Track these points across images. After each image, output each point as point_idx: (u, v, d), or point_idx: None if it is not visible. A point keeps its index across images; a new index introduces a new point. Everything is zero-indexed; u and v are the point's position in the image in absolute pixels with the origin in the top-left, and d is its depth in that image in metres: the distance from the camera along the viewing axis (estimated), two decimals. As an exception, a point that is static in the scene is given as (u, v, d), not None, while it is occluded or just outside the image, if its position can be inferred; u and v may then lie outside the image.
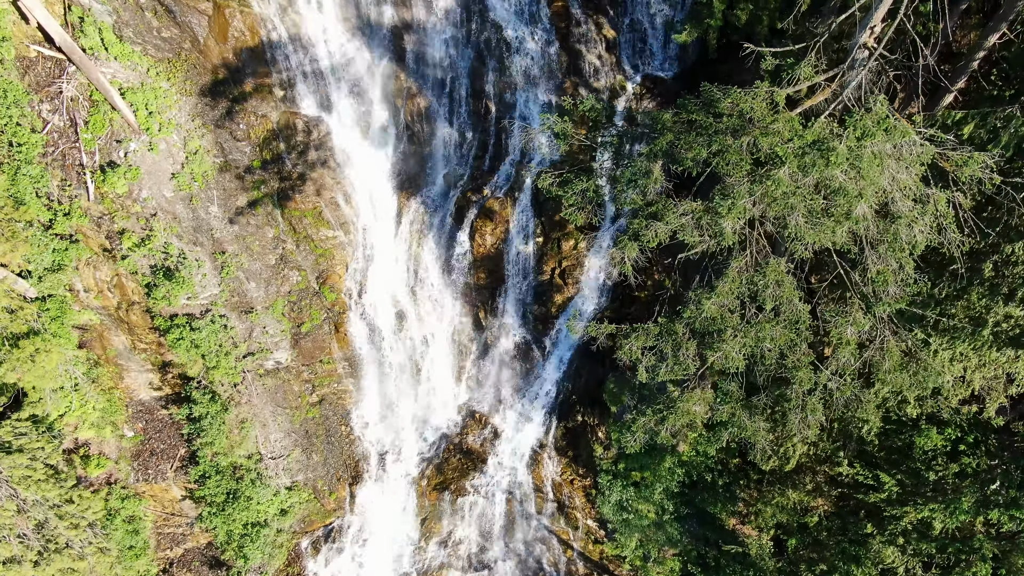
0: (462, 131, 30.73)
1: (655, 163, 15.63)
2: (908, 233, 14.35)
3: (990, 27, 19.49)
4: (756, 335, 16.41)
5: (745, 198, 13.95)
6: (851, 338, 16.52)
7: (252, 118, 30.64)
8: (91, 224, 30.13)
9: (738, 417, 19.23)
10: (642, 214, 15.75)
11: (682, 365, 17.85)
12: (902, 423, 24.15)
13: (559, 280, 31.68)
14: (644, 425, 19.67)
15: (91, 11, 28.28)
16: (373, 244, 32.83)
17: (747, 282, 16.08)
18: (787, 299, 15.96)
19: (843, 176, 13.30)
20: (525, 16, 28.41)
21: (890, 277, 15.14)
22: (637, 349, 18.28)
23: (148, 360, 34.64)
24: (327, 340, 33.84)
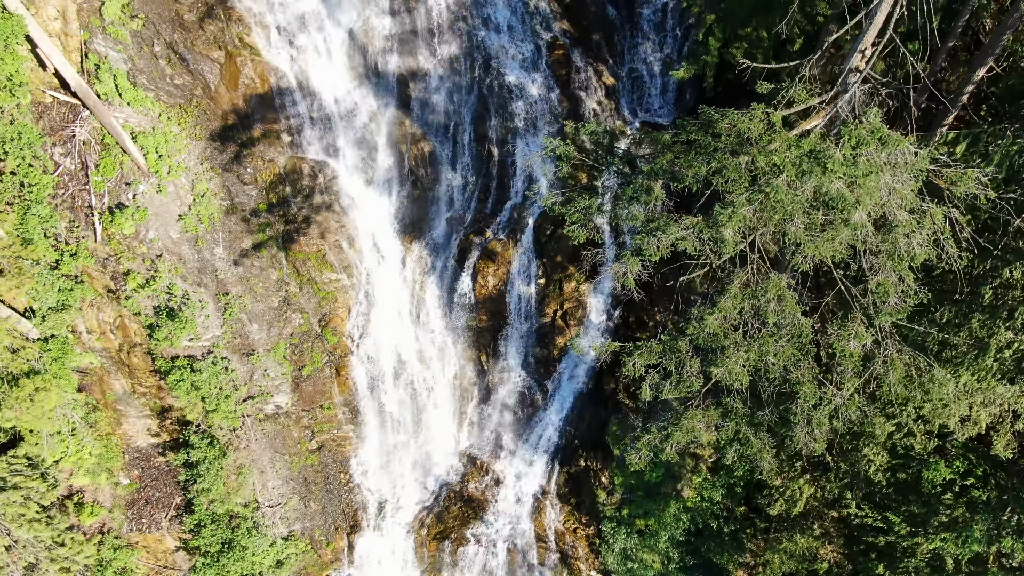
0: (465, 175, 31.33)
1: (656, 181, 15.96)
2: (906, 243, 14.53)
3: (976, 60, 20.16)
4: (759, 349, 16.39)
5: (744, 207, 14.19)
6: (855, 351, 16.51)
7: (259, 162, 31.27)
8: (97, 265, 30.41)
9: (743, 433, 19.00)
10: (644, 229, 15.98)
11: (686, 383, 17.77)
12: (909, 457, 23.85)
13: (561, 322, 31.75)
14: (649, 442, 19.43)
15: (107, 58, 29.22)
16: (376, 287, 33.03)
17: (749, 297, 16.17)
18: (789, 313, 16.03)
19: (840, 183, 13.58)
20: (527, 63, 29.33)
21: (890, 288, 15.26)
22: (640, 366, 18.25)
23: (147, 405, 34.41)
24: (328, 384, 33.67)
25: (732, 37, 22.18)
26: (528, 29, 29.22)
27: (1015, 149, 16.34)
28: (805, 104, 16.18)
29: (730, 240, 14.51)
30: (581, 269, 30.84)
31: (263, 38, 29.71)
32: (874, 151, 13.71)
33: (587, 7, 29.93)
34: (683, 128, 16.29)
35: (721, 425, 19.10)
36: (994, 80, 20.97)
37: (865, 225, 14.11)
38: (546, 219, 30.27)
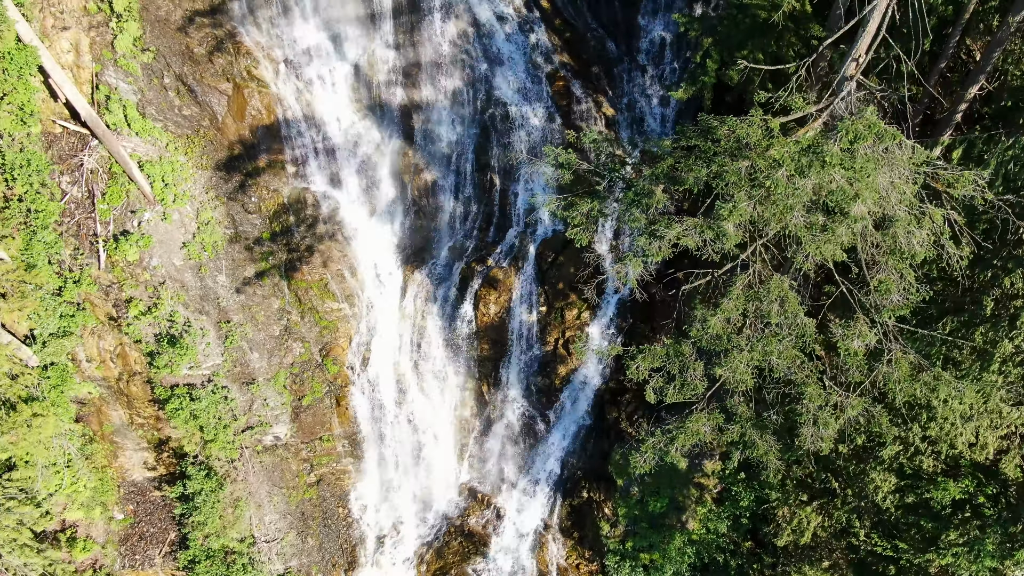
0: (467, 204, 31.66)
1: (657, 186, 16.16)
2: (906, 238, 14.62)
3: (969, 79, 20.60)
4: (763, 349, 16.31)
5: (745, 201, 14.33)
6: (859, 350, 16.43)
7: (264, 192, 31.65)
8: (99, 292, 30.49)
9: (748, 436, 18.75)
10: (646, 231, 16.11)
11: (690, 386, 17.63)
12: (917, 477, 23.50)
13: (563, 351, 31.66)
14: (654, 445, 19.15)
15: (117, 90, 29.86)
16: (377, 317, 33.04)
17: (752, 299, 16.18)
18: (792, 313, 16.02)
19: (839, 177, 13.75)
20: (529, 94, 29.94)
21: (892, 286, 15.28)
22: (644, 369, 18.13)
23: (144, 437, 34.06)
24: (328, 414, 33.38)
25: (729, 60, 22.74)
26: (529, 62, 29.93)
27: (1010, 155, 16.59)
28: (802, 111, 16.49)
29: (732, 233, 14.60)
30: (583, 297, 30.91)
31: (270, 71, 30.41)
32: (871, 145, 13.93)
33: (586, 41, 30.72)
34: (683, 134, 16.58)
35: (726, 427, 18.85)
36: (987, 100, 21.39)
37: (864, 218, 14.23)
38: (547, 246, 30.48)
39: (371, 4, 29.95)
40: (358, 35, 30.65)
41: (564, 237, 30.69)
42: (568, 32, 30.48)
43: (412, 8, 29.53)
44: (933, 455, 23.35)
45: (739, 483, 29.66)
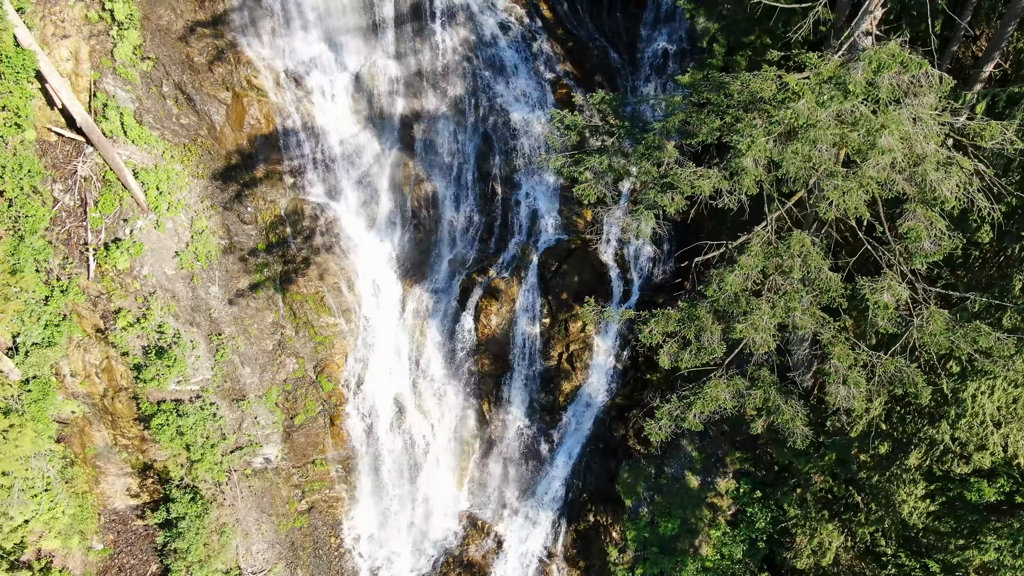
0: (468, 214, 30.94)
1: (668, 141, 15.38)
2: (936, 176, 13.72)
3: (983, 59, 20.11)
4: (786, 304, 15.21)
5: (763, 137, 13.51)
6: (889, 302, 15.31)
7: (261, 202, 30.97)
8: (87, 303, 29.48)
9: (772, 401, 17.38)
10: (658, 183, 15.23)
11: (707, 350, 16.45)
12: (948, 479, 22.04)
13: (567, 365, 30.42)
14: (670, 412, 17.76)
15: (115, 97, 29.50)
16: (375, 333, 31.92)
17: (771, 255, 15.19)
18: (815, 268, 15.00)
19: (864, 108, 12.97)
20: (532, 102, 29.58)
21: (922, 232, 14.31)
22: (658, 334, 16.96)
23: (128, 461, 32.50)
24: (321, 434, 31.89)
25: (736, 44, 22.35)
26: (532, 70, 29.67)
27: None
28: (817, 68, 15.84)
29: (750, 168, 13.70)
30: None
31: (270, 80, 30.13)
32: (896, 75, 13.23)
33: (589, 51, 30.55)
34: (695, 89, 15.90)
35: (747, 393, 17.53)
36: (1002, 80, 20.87)
37: (892, 150, 13.37)
38: (551, 255, 29.62)
39: (373, 14, 29.88)
40: (359, 45, 30.50)
41: (568, 246, 29.91)
42: (570, 42, 30.35)
43: (414, 17, 29.45)
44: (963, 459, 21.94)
45: (754, 503, 28.03)
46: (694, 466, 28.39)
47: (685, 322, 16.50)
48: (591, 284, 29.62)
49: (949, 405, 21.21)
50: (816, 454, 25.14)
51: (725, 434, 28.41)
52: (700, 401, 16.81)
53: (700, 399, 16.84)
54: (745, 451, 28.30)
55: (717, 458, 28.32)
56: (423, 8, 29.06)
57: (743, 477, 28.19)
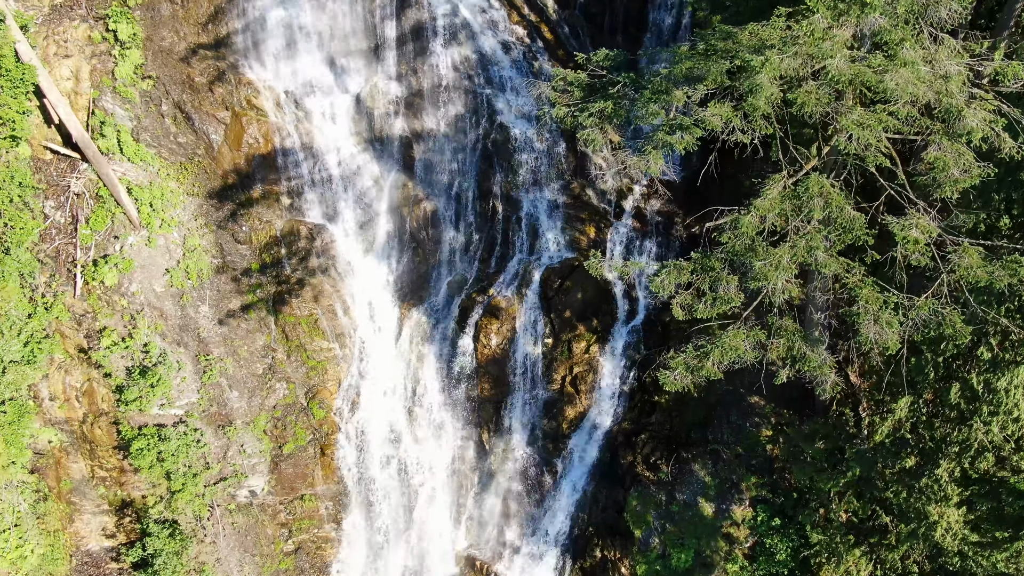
0: (468, 233, 30.21)
1: (674, 87, 14.72)
2: (962, 97, 12.89)
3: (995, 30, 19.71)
4: (807, 244, 14.10)
5: (777, 57, 12.80)
6: (919, 238, 14.17)
7: (256, 222, 30.32)
8: (72, 322, 28.41)
9: (797, 349, 15.90)
10: (666, 125, 14.45)
11: (723, 299, 15.22)
12: (985, 481, 20.38)
13: (570, 389, 28.98)
14: (685, 362, 16.26)
15: (113, 115, 29.30)
16: (370, 359, 30.65)
17: (789, 198, 14.24)
18: (837, 207, 13.99)
19: (884, 20, 12.32)
20: (532, 118, 29.33)
21: (949, 161, 13.37)
22: (670, 284, 15.75)
23: (105, 497, 30.65)
24: (311, 465, 30.11)
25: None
26: (532, 87, 29.55)
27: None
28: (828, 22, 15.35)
29: (765, 85, 12.92)
30: (592, 328, 28.72)
31: (271, 101, 30.01)
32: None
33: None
34: (701, 38, 15.37)
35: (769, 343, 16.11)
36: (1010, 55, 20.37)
37: (916, 64, 12.61)
38: (553, 272, 28.68)
39: (374, 36, 30.04)
40: (360, 67, 30.55)
41: (571, 263, 29.02)
42: (571, 63, 30.32)
43: (415, 37, 29.56)
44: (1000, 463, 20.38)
45: (773, 532, 26.08)
46: (707, 492, 26.58)
47: (699, 272, 15.43)
48: (595, 302, 28.57)
49: (980, 401, 19.84)
50: (838, 470, 23.46)
51: (739, 457, 26.72)
52: (718, 350, 15.50)
53: (718, 348, 15.54)
54: (761, 476, 26.55)
55: (732, 483, 26.54)
56: (425, 28, 29.20)
57: (760, 504, 26.34)
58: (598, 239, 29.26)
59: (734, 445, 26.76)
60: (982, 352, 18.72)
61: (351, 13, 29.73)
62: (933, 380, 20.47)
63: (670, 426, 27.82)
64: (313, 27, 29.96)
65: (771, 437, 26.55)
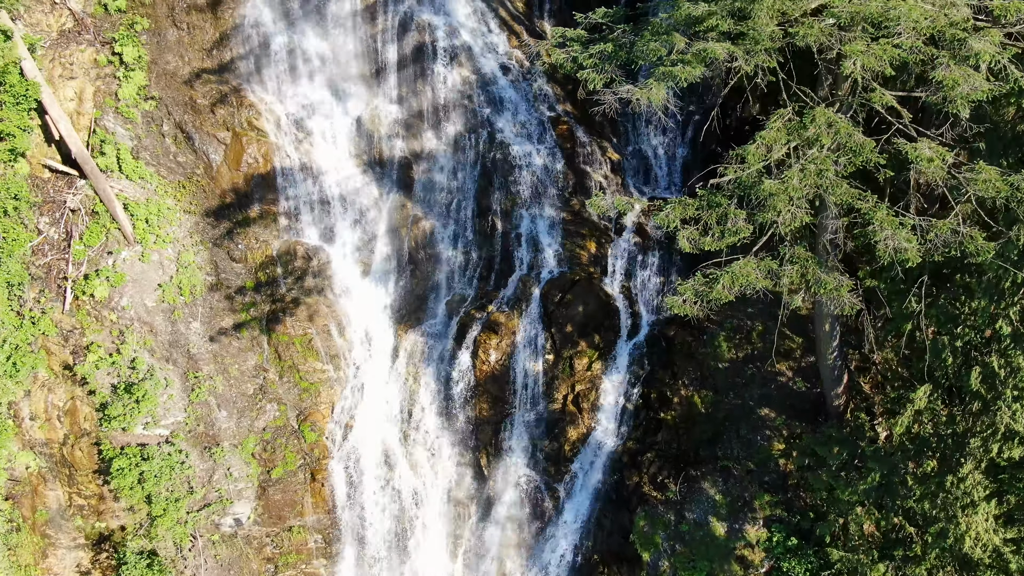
0: (467, 251, 29.77)
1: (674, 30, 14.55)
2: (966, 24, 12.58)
3: None
4: (817, 168, 13.50)
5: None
6: (933, 156, 13.54)
7: (253, 241, 29.95)
8: (58, 337, 27.65)
9: (812, 274, 14.89)
10: (668, 60, 14.18)
11: (731, 231, 14.51)
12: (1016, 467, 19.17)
13: (573, 407, 27.88)
14: (693, 288, 15.25)
15: (114, 134, 29.42)
16: (364, 382, 29.66)
17: (794, 129, 13.79)
18: (845, 134, 13.50)
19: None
20: (532, 136, 29.41)
21: (959, 77, 12.97)
22: (675, 219, 15.06)
23: (83, 530, 29.10)
24: (300, 492, 28.62)
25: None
26: (532, 108, 29.80)
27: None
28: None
29: (764, 18, 12.65)
30: (594, 344, 27.88)
31: (271, 122, 30.19)
32: None
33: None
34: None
35: (782, 270, 15.14)
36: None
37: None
38: (553, 286, 28.08)
39: (376, 61, 30.49)
40: (361, 91, 30.86)
41: (571, 278, 28.47)
42: (570, 85, 30.71)
43: (416, 59, 29.99)
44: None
45: (790, 555, 24.50)
46: (718, 511, 25.13)
47: (705, 209, 14.86)
48: (598, 316, 27.85)
49: (1003, 385, 18.92)
50: (856, 476, 22.20)
51: (751, 473, 25.40)
52: (727, 276, 14.69)
53: (728, 274, 14.73)
54: (775, 493, 25.17)
55: (744, 501, 25.12)
56: (425, 50, 29.66)
57: (775, 523, 24.85)
58: (599, 254, 28.82)
59: (745, 460, 25.49)
60: (1001, 327, 17.95)
61: (353, 38, 30.27)
62: (951, 367, 19.59)
63: (677, 444, 26.60)
64: (316, 52, 30.44)
65: (783, 451, 25.32)
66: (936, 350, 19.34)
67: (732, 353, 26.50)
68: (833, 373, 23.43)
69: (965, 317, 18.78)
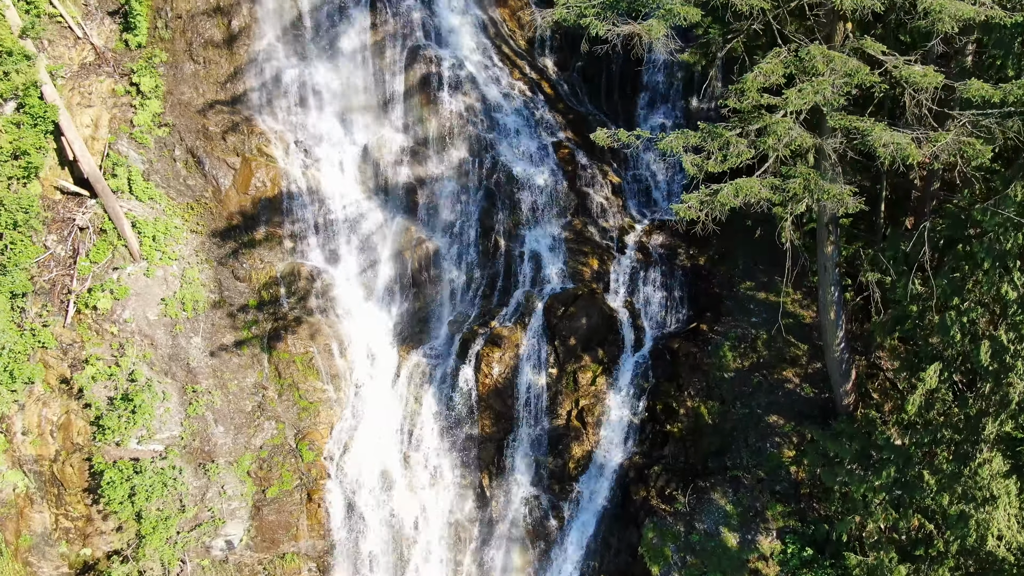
0: (470, 271, 29.92)
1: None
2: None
3: None
4: (814, 88, 13.72)
5: None
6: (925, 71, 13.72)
7: (257, 262, 30.19)
8: (57, 351, 27.44)
9: (814, 184, 14.64)
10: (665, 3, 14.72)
11: (734, 155, 14.54)
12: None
13: (577, 423, 27.30)
14: (697, 198, 14.95)
15: (127, 158, 30.18)
16: (365, 403, 29.18)
17: (790, 63, 14.18)
18: (840, 60, 13.82)
19: None
20: (534, 158, 30.14)
21: (945, 2, 13.40)
22: (677, 146, 15.10)
23: (66, 557, 28.01)
24: (296, 513, 27.60)
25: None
26: (534, 133, 30.68)
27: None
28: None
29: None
30: (597, 359, 27.63)
31: (280, 149, 31.02)
32: None
33: (589, 123, 31.81)
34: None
35: (784, 184, 14.95)
36: None
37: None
38: (557, 300, 28.07)
39: (383, 92, 31.63)
40: (369, 121, 31.85)
41: (574, 292, 28.49)
42: (571, 114, 31.75)
43: (422, 88, 31.09)
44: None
45: (805, 567, 23.45)
46: (729, 521, 24.21)
47: (707, 139, 15.07)
48: (601, 330, 27.71)
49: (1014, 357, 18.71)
50: (871, 470, 21.55)
51: (762, 482, 24.63)
52: (731, 186, 14.64)
53: (731, 185, 14.69)
54: (787, 503, 24.34)
55: (756, 511, 24.25)
56: (431, 80, 30.80)
57: (788, 535, 23.91)
58: (601, 271, 28.98)
59: (755, 469, 24.77)
60: (1007, 292, 17.95)
61: (363, 71, 31.50)
62: (960, 344, 19.41)
63: (685, 457, 25.92)
64: (326, 85, 31.60)
65: (794, 458, 24.67)
66: (944, 327, 19.21)
67: (737, 363, 26.23)
68: (841, 367, 23.15)
69: (970, 290, 18.78)
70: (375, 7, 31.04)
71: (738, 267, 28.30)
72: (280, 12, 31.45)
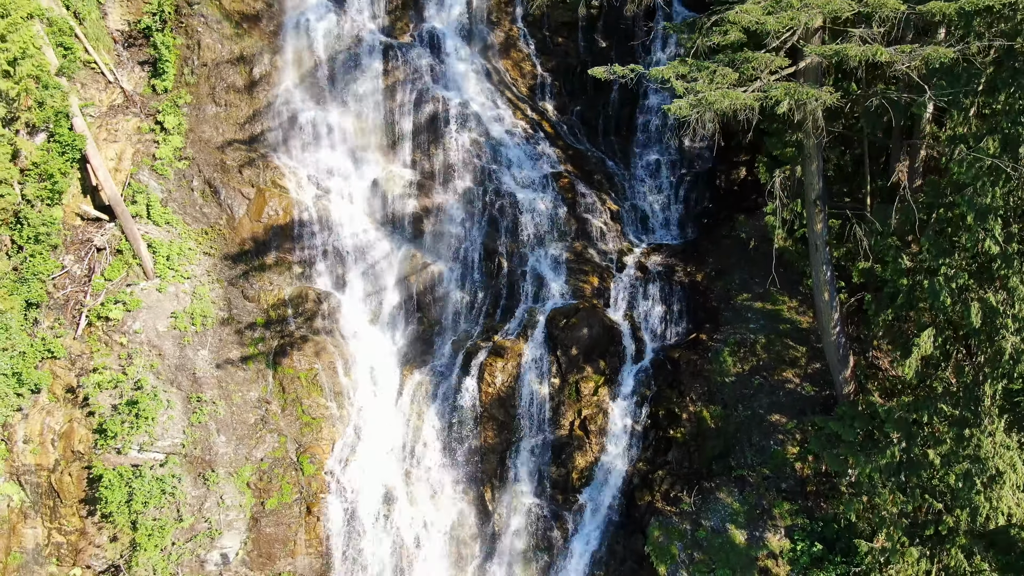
0: (473, 292, 30.63)
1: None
2: None
3: None
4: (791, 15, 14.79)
5: None
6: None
7: (267, 284, 31.02)
8: (66, 362, 27.84)
9: (794, 91, 15.17)
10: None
11: (720, 74, 15.40)
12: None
13: (580, 432, 27.21)
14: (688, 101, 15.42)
15: (147, 187, 31.63)
16: (367, 422, 29.19)
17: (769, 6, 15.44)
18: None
19: None
20: (536, 186, 31.54)
21: None
22: (670, 73, 15.97)
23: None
24: (295, 526, 27.00)
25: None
26: (536, 165, 32.27)
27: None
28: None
29: None
30: (599, 369, 27.91)
31: (293, 181, 32.56)
32: None
33: (588, 158, 33.49)
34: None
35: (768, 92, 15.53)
36: None
37: None
38: (559, 312, 28.64)
39: (393, 132, 33.53)
40: (379, 158, 33.56)
41: (576, 305, 29.11)
42: (570, 151, 33.46)
43: (430, 126, 32.96)
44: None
45: (816, 566, 22.88)
46: (736, 519, 23.78)
47: (696, 71, 16.14)
48: (602, 342, 28.12)
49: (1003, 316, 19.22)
50: (875, 449, 21.49)
51: (767, 479, 24.36)
52: (720, 92, 15.38)
53: (720, 91, 15.46)
54: (794, 501, 23.99)
55: (763, 509, 23.86)
56: (438, 118, 32.73)
57: (797, 532, 23.44)
58: (602, 287, 29.73)
59: (760, 467, 24.56)
60: (989, 246, 18.72)
61: (374, 113, 33.51)
62: (951, 309, 19.94)
63: (689, 461, 25.72)
64: (338, 126, 33.54)
65: (798, 454, 24.52)
66: (934, 291, 19.79)
67: (738, 367, 26.51)
68: (838, 352, 23.47)
69: (958, 250, 19.50)
70: (387, 55, 33.40)
71: (735, 282, 29.06)
72: (299, 61, 33.83)
